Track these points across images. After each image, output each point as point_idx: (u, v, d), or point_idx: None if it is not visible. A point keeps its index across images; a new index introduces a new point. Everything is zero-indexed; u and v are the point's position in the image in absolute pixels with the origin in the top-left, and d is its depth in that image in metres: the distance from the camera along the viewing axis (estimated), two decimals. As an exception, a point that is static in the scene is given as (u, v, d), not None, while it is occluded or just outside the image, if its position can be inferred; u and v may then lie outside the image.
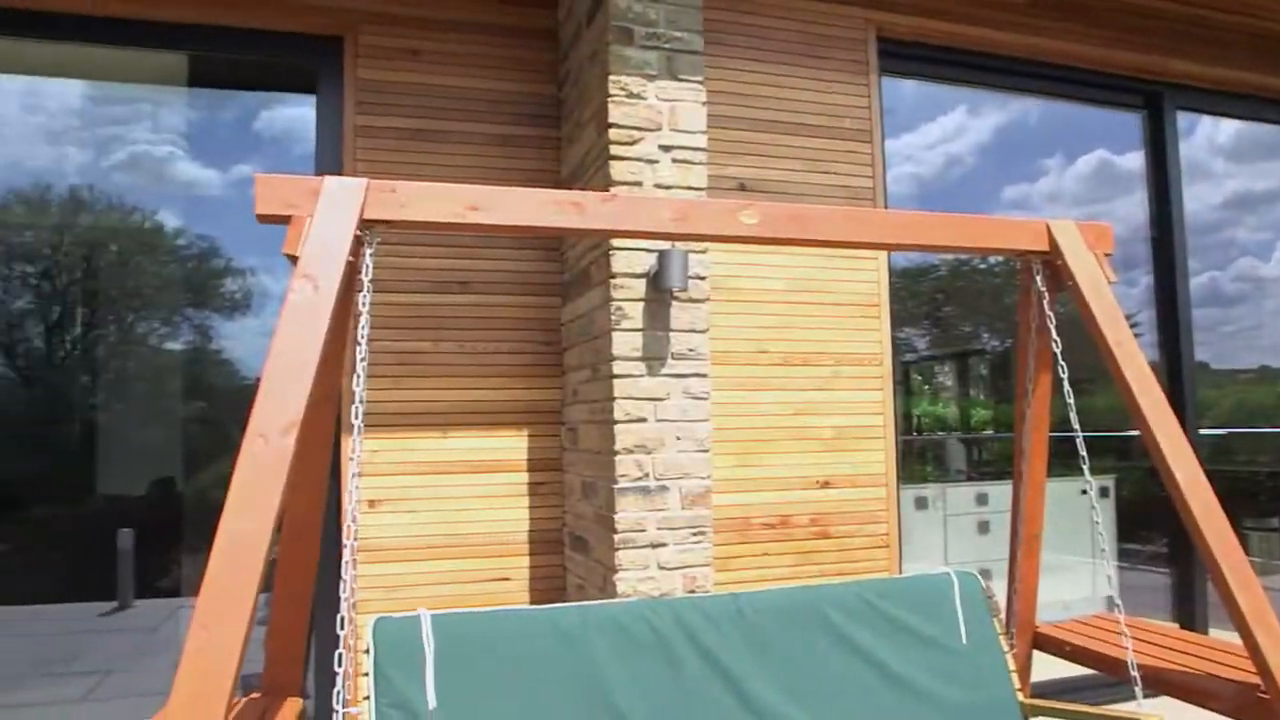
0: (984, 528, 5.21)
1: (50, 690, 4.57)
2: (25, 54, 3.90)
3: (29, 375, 7.43)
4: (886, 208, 4.16)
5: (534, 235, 3.60)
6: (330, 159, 3.59)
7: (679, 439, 3.26)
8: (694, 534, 3.26)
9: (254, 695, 2.27)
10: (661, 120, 3.30)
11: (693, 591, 3.25)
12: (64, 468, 7.14)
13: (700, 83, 3.36)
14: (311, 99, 3.83)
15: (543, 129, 3.79)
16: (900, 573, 4.16)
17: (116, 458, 7.07)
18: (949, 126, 5.44)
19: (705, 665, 2.32)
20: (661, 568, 3.21)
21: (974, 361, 6.46)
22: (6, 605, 5.87)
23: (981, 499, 5.28)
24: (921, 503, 5.00)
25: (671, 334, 3.26)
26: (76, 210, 6.99)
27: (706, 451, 3.30)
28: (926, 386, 6.29)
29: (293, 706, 2.26)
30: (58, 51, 3.77)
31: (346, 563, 1.96)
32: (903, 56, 4.39)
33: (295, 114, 5.64)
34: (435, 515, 3.50)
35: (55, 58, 3.98)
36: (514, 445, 3.62)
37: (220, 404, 7.28)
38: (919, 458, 5.87)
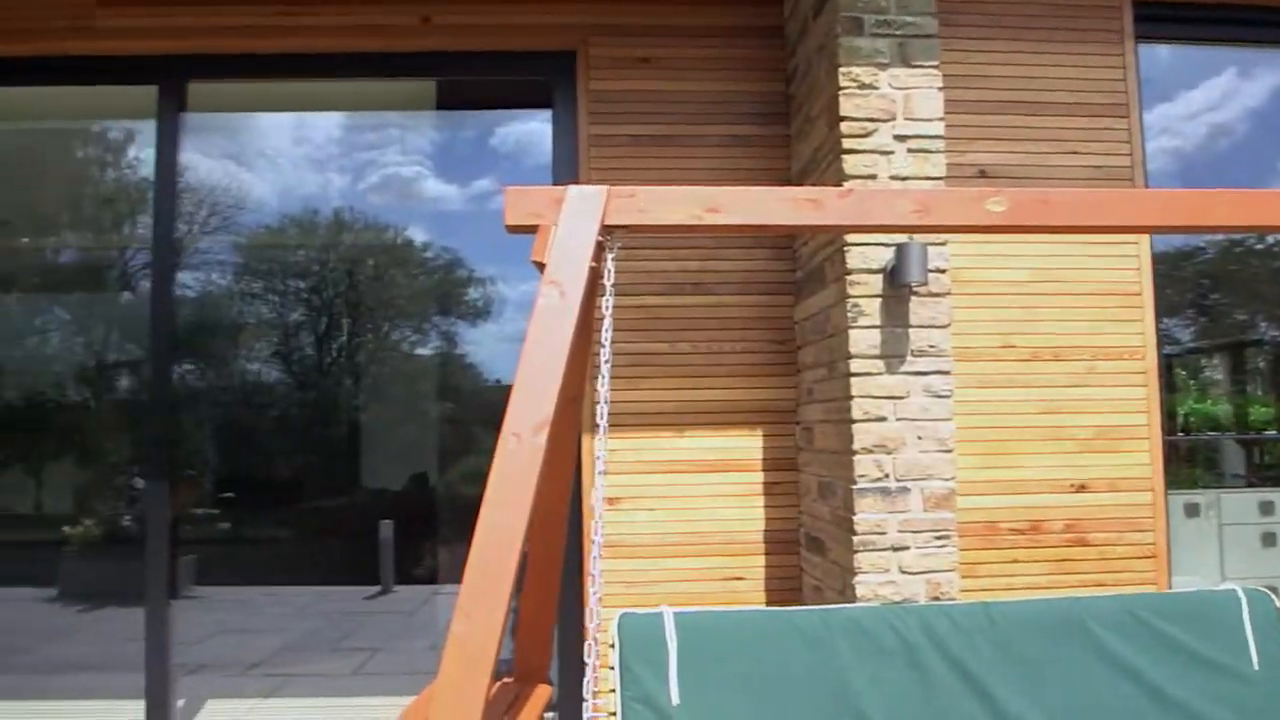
0: (1270, 540, 4.65)
1: (328, 663, 5.06)
2: (294, 93, 4.33)
3: (303, 381, 8.30)
4: (1147, 187, 3.79)
5: (771, 234, 3.57)
6: (566, 168, 3.74)
7: (920, 438, 3.12)
8: (937, 538, 3.11)
9: (506, 680, 2.39)
10: (895, 110, 3.18)
11: (937, 598, 3.10)
12: (333, 464, 7.91)
13: (935, 67, 3.20)
14: (543, 113, 3.99)
15: (772, 127, 3.76)
16: (1170, 586, 3.77)
17: (377, 455, 7.74)
18: (1214, 93, 4.88)
19: (954, 674, 2.20)
20: (903, 572, 3.08)
21: (1250, 354, 5.82)
22: (290, 586, 6.58)
23: (1266, 507, 4.70)
24: (1192, 510, 4.51)
25: (911, 330, 3.13)
26: (339, 230, 7.73)
27: (950, 451, 3.14)
28: (1192, 382, 5.72)
29: (542, 693, 2.37)
30: (322, 88, 4.16)
31: (594, 558, 2.01)
32: (1162, 19, 3.98)
33: (528, 129, 5.94)
34: (671, 513, 3.55)
35: (320, 94, 4.40)
36: (748, 445, 3.62)
37: (466, 405, 7.80)
38: (1187, 460, 5.32)
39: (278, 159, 7.17)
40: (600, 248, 1.98)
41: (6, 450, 7.55)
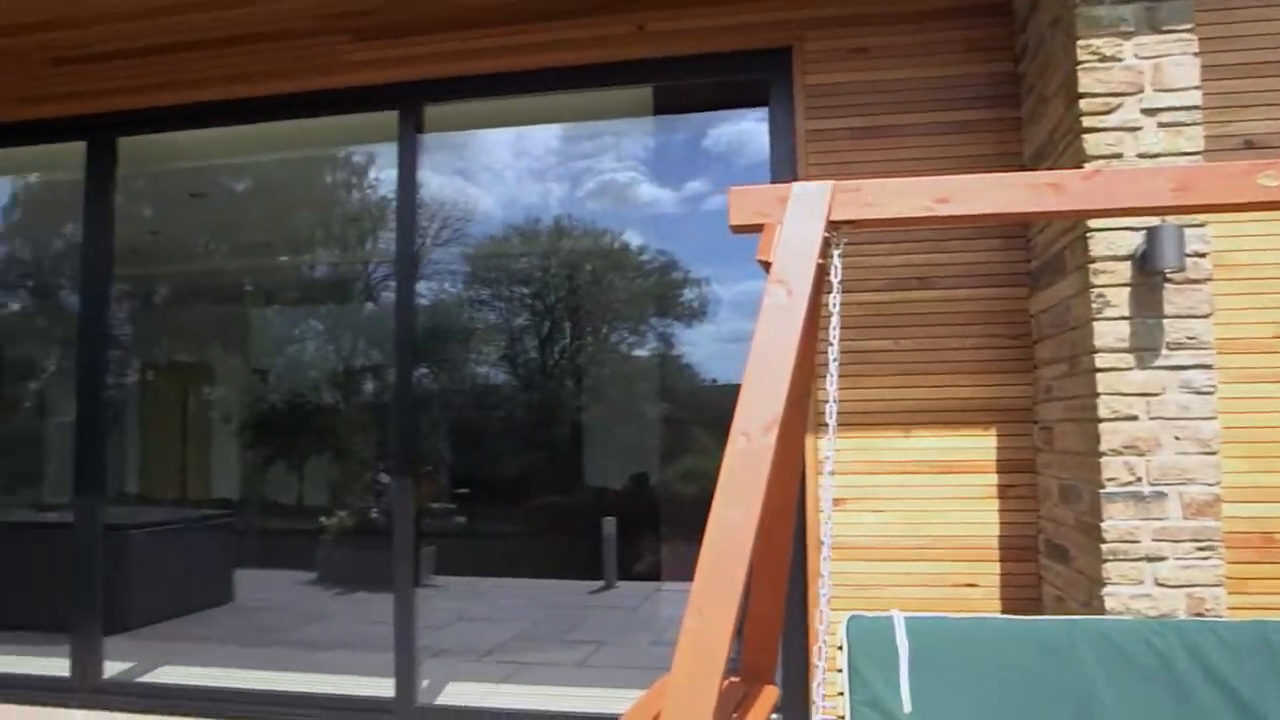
0: None
1: (556, 654, 5.28)
2: (516, 108, 4.55)
3: (528, 382, 8.74)
4: None
5: (1006, 223, 3.38)
6: (784, 166, 3.71)
7: (1178, 439, 2.84)
8: (1199, 548, 2.82)
9: (732, 679, 2.40)
10: (1143, 81, 2.91)
11: (1200, 615, 2.81)
12: (557, 463, 8.28)
13: (1189, 30, 2.91)
14: (757, 112, 3.98)
15: (999, 110, 3.55)
16: None
17: (598, 454, 8.02)
18: None
19: (1220, 698, 1.99)
20: (1160, 584, 2.82)
21: None
22: (518, 578, 6.93)
23: None
24: None
25: (1165, 320, 2.85)
26: (559, 237, 8.07)
27: (1213, 454, 2.84)
28: None
29: (769, 694, 2.36)
30: (542, 102, 4.33)
31: (824, 559, 1.99)
32: None
33: (740, 129, 5.94)
34: (899, 516, 3.44)
35: (540, 107, 4.59)
36: (981, 445, 3.43)
37: (683, 405, 7.93)
38: None
39: (501, 172, 7.59)
40: (826, 244, 1.96)
41: (273, 448, 8.47)
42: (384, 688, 3.88)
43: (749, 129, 4.86)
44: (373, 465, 7.92)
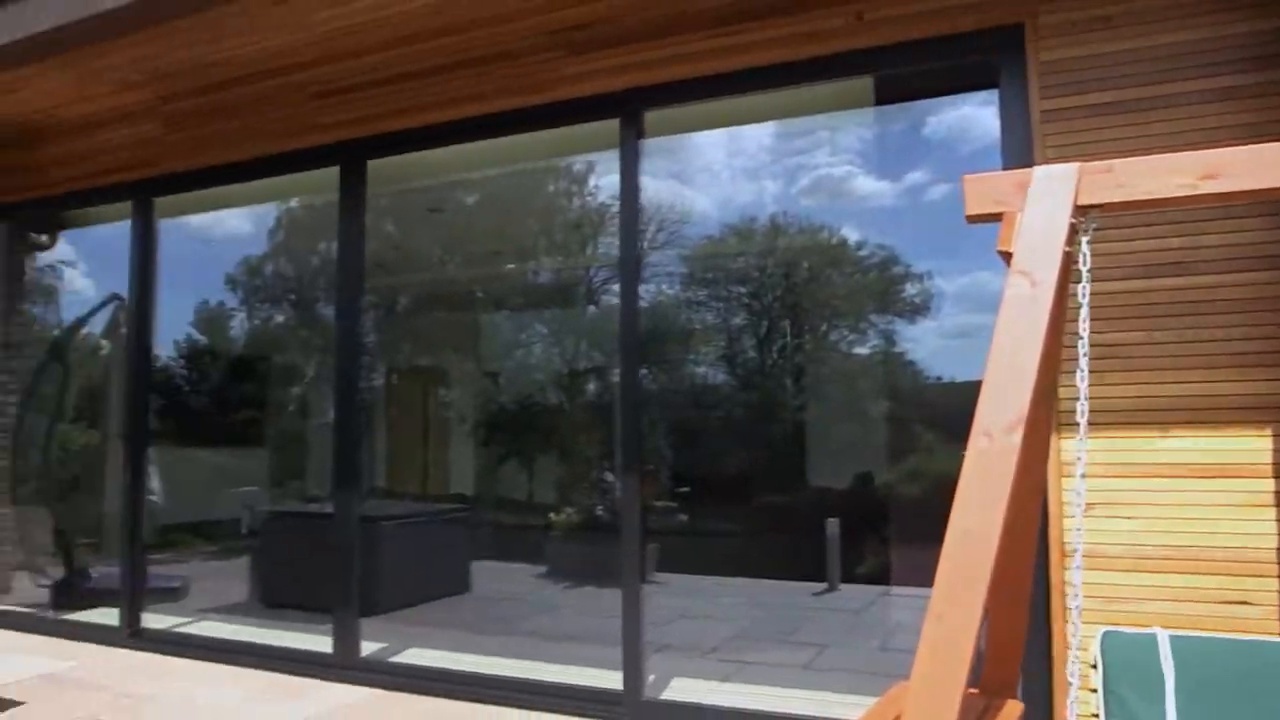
0: None
1: (779, 654, 5.24)
2: (730, 108, 4.54)
3: (746, 381, 8.76)
4: None
5: (1282, 197, 3.01)
6: (1017, 150, 3.48)
7: None
8: None
9: (972, 691, 2.28)
10: None
11: None
12: (777, 462, 8.24)
13: None
14: (980, 95, 3.78)
15: (1267, 73, 3.16)
16: None
17: (819, 453, 7.91)
18: None
19: None
20: None
21: None
22: (740, 577, 6.95)
23: None
24: None
25: None
26: (775, 235, 8.03)
27: None
28: None
29: (1013, 710, 2.22)
30: (756, 100, 4.30)
31: (1075, 568, 1.86)
32: None
33: (962, 114, 5.66)
34: (1153, 523, 3.13)
35: (754, 106, 4.56)
36: (1252, 446, 3.06)
37: (907, 403, 7.67)
38: None
39: (717, 172, 7.66)
40: (1073, 230, 1.84)
41: (505, 446, 8.98)
42: (611, 680, 3.99)
43: (973, 114, 4.64)
44: (597, 464, 8.21)
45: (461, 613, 6.45)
